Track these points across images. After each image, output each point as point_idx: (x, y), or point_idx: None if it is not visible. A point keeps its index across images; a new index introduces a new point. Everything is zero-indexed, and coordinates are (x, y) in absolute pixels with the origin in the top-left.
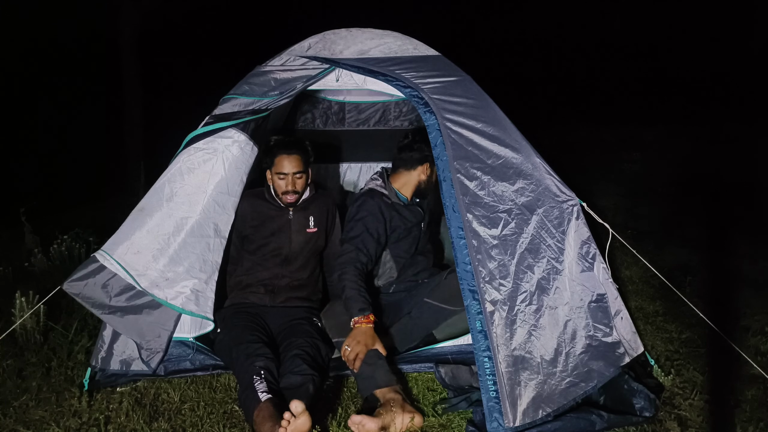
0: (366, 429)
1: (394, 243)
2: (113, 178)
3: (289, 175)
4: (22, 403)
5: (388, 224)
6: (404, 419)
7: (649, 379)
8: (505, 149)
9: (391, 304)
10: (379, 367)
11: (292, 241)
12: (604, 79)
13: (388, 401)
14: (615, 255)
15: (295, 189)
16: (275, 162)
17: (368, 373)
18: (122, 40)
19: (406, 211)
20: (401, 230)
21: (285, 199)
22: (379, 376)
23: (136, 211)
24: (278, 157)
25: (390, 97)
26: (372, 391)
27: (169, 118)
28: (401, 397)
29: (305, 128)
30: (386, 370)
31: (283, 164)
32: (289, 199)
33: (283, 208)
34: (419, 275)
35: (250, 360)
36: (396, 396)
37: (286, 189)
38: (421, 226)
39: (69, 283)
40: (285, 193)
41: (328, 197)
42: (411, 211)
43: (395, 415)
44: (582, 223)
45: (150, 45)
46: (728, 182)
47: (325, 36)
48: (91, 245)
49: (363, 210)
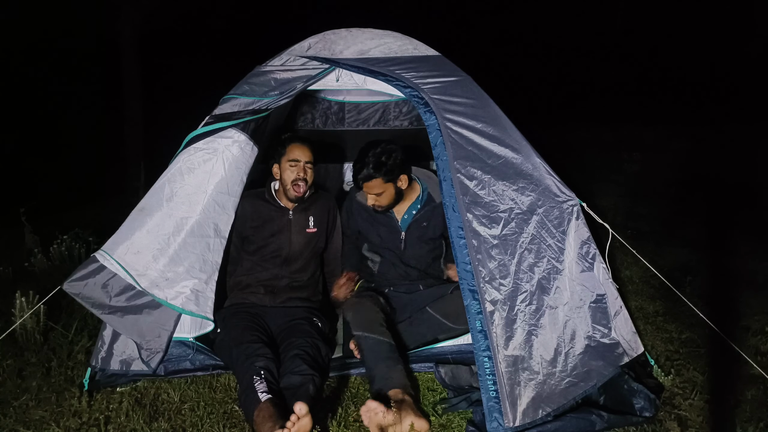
0: (377, 419)
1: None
2: (113, 178)
3: (301, 162)
4: (22, 403)
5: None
6: (412, 424)
7: (649, 379)
8: (505, 149)
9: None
10: (396, 370)
11: (292, 242)
12: (605, 78)
13: (399, 402)
14: (615, 255)
15: (305, 177)
16: (287, 151)
17: (384, 373)
18: (122, 40)
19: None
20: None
21: (293, 190)
22: (396, 376)
23: (136, 211)
24: (291, 145)
25: (390, 97)
26: (386, 391)
27: (169, 118)
28: (412, 401)
29: (305, 128)
30: (402, 373)
31: (296, 152)
32: (298, 190)
33: (283, 209)
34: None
35: (250, 360)
36: (408, 399)
37: (296, 177)
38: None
39: (69, 283)
40: (295, 181)
41: (328, 198)
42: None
43: (404, 419)
44: (582, 223)
45: (150, 45)
46: (728, 182)
47: (325, 36)
48: (91, 245)
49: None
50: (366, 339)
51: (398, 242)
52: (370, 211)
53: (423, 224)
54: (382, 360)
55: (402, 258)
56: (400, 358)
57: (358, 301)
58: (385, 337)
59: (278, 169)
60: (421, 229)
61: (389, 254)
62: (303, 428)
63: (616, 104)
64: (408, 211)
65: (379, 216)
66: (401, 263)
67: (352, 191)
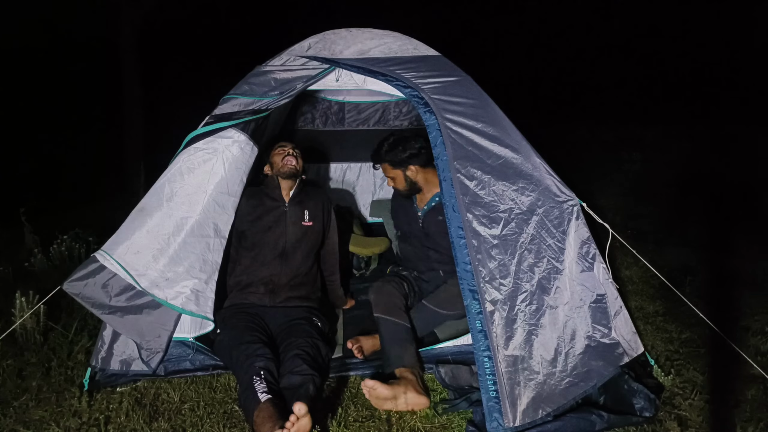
0: (377, 393)
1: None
2: (113, 178)
3: (287, 146)
4: (22, 403)
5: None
6: (411, 397)
7: (649, 379)
8: (505, 149)
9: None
10: (408, 350)
11: (288, 233)
12: (605, 78)
13: (403, 378)
14: (615, 255)
15: (294, 155)
16: (275, 146)
17: (398, 353)
18: (122, 39)
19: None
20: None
21: (286, 165)
22: (407, 357)
23: (136, 211)
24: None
25: (389, 97)
26: (396, 368)
27: (169, 118)
28: (416, 379)
29: (305, 128)
30: (413, 355)
31: (281, 143)
32: (290, 163)
33: (278, 201)
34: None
35: (250, 360)
36: (412, 377)
37: (285, 154)
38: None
39: (69, 283)
40: (285, 158)
41: (320, 193)
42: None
43: (406, 392)
44: (582, 223)
45: (150, 45)
46: (728, 182)
47: (325, 36)
48: (91, 245)
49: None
50: (385, 321)
51: (419, 230)
52: (401, 199)
53: (439, 218)
54: (397, 342)
55: (423, 243)
56: (413, 341)
57: (381, 285)
58: (402, 321)
59: (269, 165)
60: (437, 222)
61: (414, 240)
62: (302, 428)
63: (616, 104)
64: (428, 203)
65: (407, 204)
66: (422, 247)
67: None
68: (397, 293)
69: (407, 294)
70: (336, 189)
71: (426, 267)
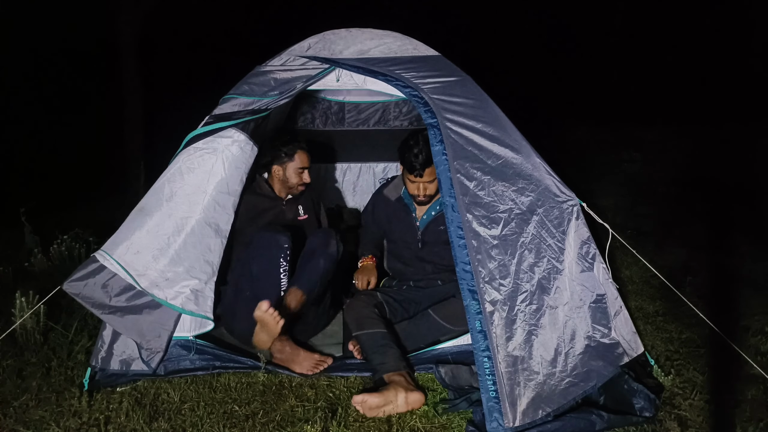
0: (368, 405)
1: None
2: (113, 178)
3: (307, 169)
4: (22, 403)
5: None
6: (405, 397)
7: (649, 379)
8: (505, 149)
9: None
10: (389, 354)
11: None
12: (605, 78)
13: (392, 382)
14: (615, 255)
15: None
16: (296, 158)
17: (380, 360)
18: (122, 39)
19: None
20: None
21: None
22: (389, 360)
23: (136, 211)
24: (299, 152)
25: (389, 97)
26: (382, 375)
27: (168, 119)
28: (405, 379)
29: (305, 128)
30: (396, 357)
31: (303, 160)
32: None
33: (276, 199)
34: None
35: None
36: (400, 378)
37: (304, 181)
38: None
39: (69, 283)
40: (302, 184)
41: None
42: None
43: (398, 394)
44: (582, 223)
45: (150, 45)
46: (728, 182)
47: (325, 36)
48: (91, 245)
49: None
50: (360, 336)
51: (415, 241)
52: (391, 206)
53: (440, 227)
54: (376, 349)
55: (418, 254)
56: (392, 343)
57: (351, 302)
58: (377, 328)
59: (281, 170)
60: (438, 231)
61: (407, 251)
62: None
63: (616, 104)
64: (428, 212)
65: (399, 213)
66: (417, 260)
67: (381, 186)
68: (365, 304)
69: (382, 302)
70: (336, 189)
71: (421, 275)
